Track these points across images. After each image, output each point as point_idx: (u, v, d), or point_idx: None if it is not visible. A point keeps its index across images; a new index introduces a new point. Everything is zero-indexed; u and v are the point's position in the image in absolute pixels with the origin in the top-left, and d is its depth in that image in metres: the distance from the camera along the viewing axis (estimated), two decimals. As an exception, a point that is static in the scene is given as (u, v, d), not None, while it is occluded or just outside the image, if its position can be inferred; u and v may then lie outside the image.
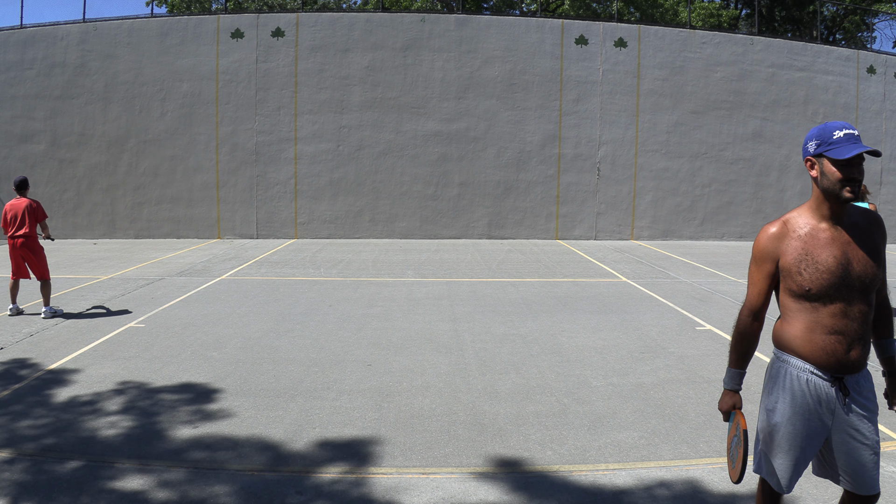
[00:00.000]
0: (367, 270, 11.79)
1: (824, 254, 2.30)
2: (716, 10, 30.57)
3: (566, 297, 9.30)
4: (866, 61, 19.15)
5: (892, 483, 3.63)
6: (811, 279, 2.29)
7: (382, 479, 3.69)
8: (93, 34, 17.22)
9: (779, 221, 2.42)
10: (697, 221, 18.41)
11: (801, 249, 2.33)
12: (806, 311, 2.33)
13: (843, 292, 2.28)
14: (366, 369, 5.74)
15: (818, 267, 2.29)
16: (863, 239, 2.35)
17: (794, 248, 2.34)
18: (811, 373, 2.35)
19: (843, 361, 2.31)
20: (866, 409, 2.38)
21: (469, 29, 17.75)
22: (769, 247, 2.39)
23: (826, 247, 2.31)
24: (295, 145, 17.51)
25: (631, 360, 6.08)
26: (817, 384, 2.35)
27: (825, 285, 2.28)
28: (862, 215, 2.41)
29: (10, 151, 17.17)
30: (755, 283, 2.45)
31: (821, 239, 2.32)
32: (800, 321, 2.35)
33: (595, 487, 3.61)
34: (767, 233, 2.40)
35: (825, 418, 2.37)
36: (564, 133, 17.92)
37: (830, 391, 2.34)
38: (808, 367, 2.36)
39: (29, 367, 5.72)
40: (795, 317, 2.37)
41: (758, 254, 2.42)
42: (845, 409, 2.35)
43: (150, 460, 3.88)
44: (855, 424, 2.36)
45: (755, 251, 2.43)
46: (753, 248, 2.45)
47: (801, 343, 2.35)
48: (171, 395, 5.05)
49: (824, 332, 2.30)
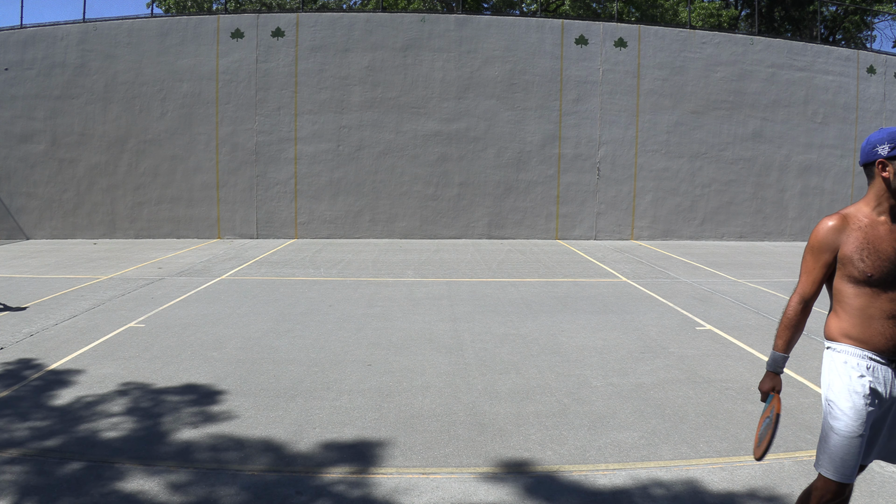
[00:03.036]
0: (367, 270, 11.79)
1: (884, 244, 2.48)
2: (716, 10, 30.56)
3: (566, 297, 9.30)
4: (866, 61, 19.15)
5: (893, 483, 3.63)
6: (874, 266, 2.45)
7: (383, 480, 3.69)
8: (93, 34, 17.22)
9: (837, 215, 2.57)
10: (697, 221, 18.41)
11: (862, 239, 2.49)
12: (865, 296, 2.48)
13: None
14: (366, 369, 5.74)
15: (880, 255, 2.46)
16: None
17: (856, 238, 2.50)
18: (870, 359, 2.49)
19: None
20: None
21: (469, 29, 17.75)
22: (829, 237, 2.54)
23: (886, 237, 2.49)
24: (295, 145, 17.51)
25: (631, 360, 6.08)
26: (876, 368, 2.48)
27: (885, 272, 2.45)
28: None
29: (10, 151, 17.17)
30: (810, 271, 2.59)
31: (880, 231, 2.50)
32: (857, 308, 2.51)
33: (595, 487, 3.61)
34: (827, 225, 2.56)
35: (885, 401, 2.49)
36: (564, 133, 17.92)
37: (888, 373, 2.48)
38: (866, 353, 2.49)
39: (29, 368, 5.72)
40: (852, 304, 2.51)
41: (817, 244, 2.56)
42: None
43: (151, 461, 3.88)
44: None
45: (814, 242, 2.57)
46: (811, 239, 2.59)
47: (860, 330, 2.50)
48: (172, 395, 5.06)
49: (884, 318, 2.46)
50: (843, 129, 18.91)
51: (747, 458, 3.94)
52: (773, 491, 3.57)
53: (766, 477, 3.71)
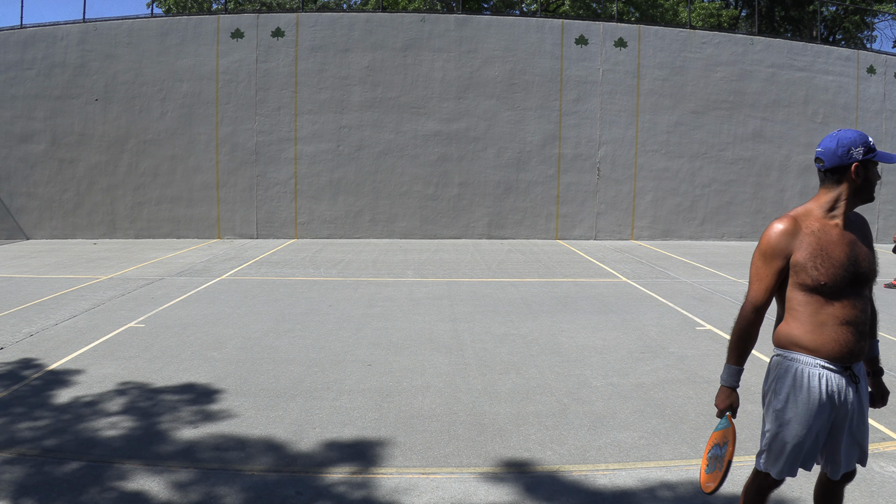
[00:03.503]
0: (367, 270, 11.79)
1: (837, 249, 2.38)
2: (716, 10, 30.56)
3: (566, 297, 9.30)
4: (866, 61, 19.14)
5: (893, 483, 3.63)
6: (826, 273, 2.35)
7: (383, 480, 3.69)
8: (93, 34, 17.22)
9: (788, 218, 2.43)
10: (697, 221, 18.41)
11: (815, 245, 2.37)
12: (817, 304, 2.38)
13: (852, 286, 2.39)
14: (366, 369, 5.74)
15: (833, 262, 2.35)
16: (862, 237, 2.49)
17: (809, 244, 2.38)
18: (822, 367, 2.40)
19: (853, 351, 2.39)
20: (866, 395, 2.54)
21: (469, 29, 17.75)
22: (781, 243, 2.40)
23: (838, 243, 2.39)
24: (295, 145, 17.51)
25: (631, 360, 6.08)
26: (829, 378, 2.40)
27: (838, 278, 2.35)
28: (855, 216, 2.52)
29: (10, 151, 17.17)
30: (762, 278, 2.45)
31: (832, 235, 2.40)
32: (809, 316, 2.40)
33: (595, 487, 3.61)
34: (778, 229, 2.41)
35: (835, 409, 2.44)
36: (564, 133, 17.92)
37: (842, 382, 2.41)
38: (818, 361, 2.40)
39: (29, 368, 5.72)
40: (804, 311, 2.40)
41: (769, 250, 2.42)
42: (856, 396, 2.44)
43: (151, 461, 3.88)
44: (859, 409, 2.48)
45: (765, 247, 2.43)
46: (761, 244, 2.44)
47: (812, 338, 2.40)
48: (172, 395, 5.05)
49: (837, 324, 2.37)
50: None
51: (748, 459, 3.93)
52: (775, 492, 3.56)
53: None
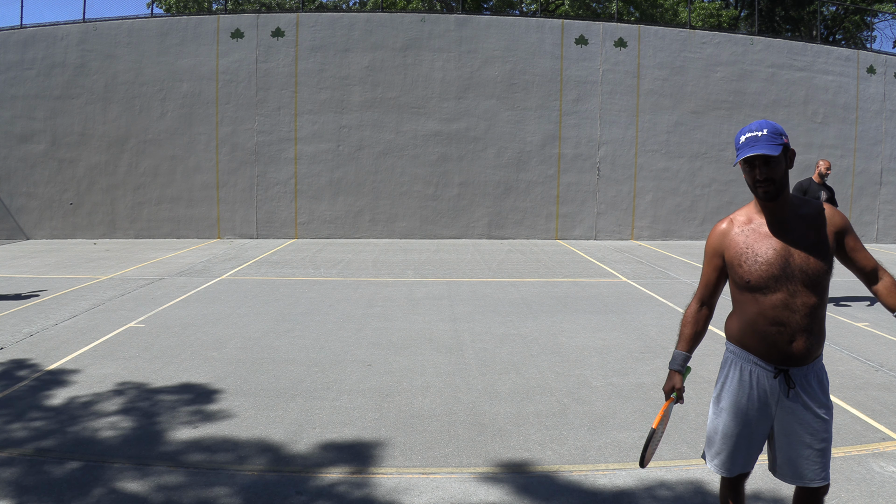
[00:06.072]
0: (367, 270, 11.79)
1: (763, 246, 2.38)
2: (716, 10, 30.55)
3: (566, 297, 9.30)
4: (866, 61, 19.14)
5: (893, 483, 3.63)
6: (750, 271, 2.38)
7: (383, 480, 3.69)
8: (93, 34, 17.22)
9: (727, 218, 2.55)
10: (697, 221, 18.41)
11: (742, 244, 2.43)
12: (750, 302, 2.42)
13: (785, 284, 2.35)
14: (366, 369, 5.74)
15: (757, 259, 2.37)
16: (807, 231, 2.39)
17: (737, 243, 2.45)
18: (754, 363, 2.45)
19: (785, 352, 2.37)
20: (815, 402, 2.41)
21: (469, 29, 17.75)
22: (715, 242, 2.53)
23: (765, 239, 2.39)
24: (295, 145, 17.50)
25: (631, 360, 6.08)
26: (759, 374, 2.44)
27: (764, 276, 2.36)
28: (810, 208, 2.44)
29: (10, 151, 17.17)
30: (703, 273, 2.62)
31: (761, 232, 2.42)
32: (745, 312, 2.46)
33: (595, 487, 3.61)
34: (716, 229, 2.54)
35: (768, 408, 2.45)
36: (564, 133, 17.91)
37: (773, 382, 2.42)
38: (751, 357, 2.46)
39: (28, 368, 5.72)
40: (742, 308, 2.48)
41: (708, 248, 2.57)
42: (790, 400, 2.41)
43: (150, 461, 3.88)
44: (800, 416, 2.41)
45: (706, 245, 2.59)
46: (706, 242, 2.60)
47: (745, 334, 2.47)
48: (171, 395, 5.05)
49: (766, 324, 2.38)
50: (843, 129, 18.91)
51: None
52: (776, 493, 3.57)
53: (767, 477, 3.70)
